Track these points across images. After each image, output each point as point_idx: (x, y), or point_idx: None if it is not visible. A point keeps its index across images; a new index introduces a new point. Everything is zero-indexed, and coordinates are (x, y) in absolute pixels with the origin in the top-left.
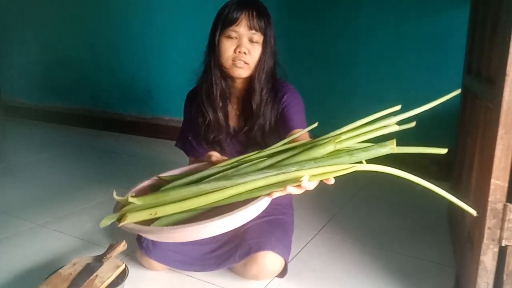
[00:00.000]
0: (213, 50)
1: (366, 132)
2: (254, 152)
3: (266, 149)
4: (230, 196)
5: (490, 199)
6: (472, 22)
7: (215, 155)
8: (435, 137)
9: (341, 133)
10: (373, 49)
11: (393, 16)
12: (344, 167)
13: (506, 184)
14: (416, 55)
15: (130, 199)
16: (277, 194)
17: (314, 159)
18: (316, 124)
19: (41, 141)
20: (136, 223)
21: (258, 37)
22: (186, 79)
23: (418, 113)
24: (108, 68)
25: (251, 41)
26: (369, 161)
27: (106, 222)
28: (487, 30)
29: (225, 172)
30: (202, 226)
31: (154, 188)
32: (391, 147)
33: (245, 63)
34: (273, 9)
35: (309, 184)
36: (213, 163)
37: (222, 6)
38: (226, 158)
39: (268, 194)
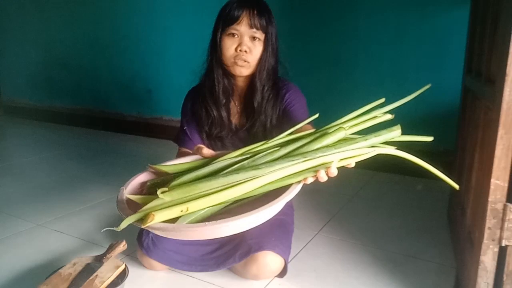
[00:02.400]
0: (215, 49)
1: (365, 121)
2: (260, 143)
3: (271, 140)
4: (264, 185)
5: (490, 199)
6: (472, 22)
7: (205, 148)
8: (436, 137)
9: (342, 123)
10: (373, 49)
11: (393, 16)
12: (367, 151)
13: (506, 184)
14: (416, 55)
15: (160, 195)
16: (310, 179)
17: (334, 145)
18: (317, 115)
19: (41, 141)
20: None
21: (260, 35)
22: (186, 79)
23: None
24: (108, 68)
25: (252, 39)
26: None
27: (125, 224)
28: (487, 30)
29: (241, 164)
30: (242, 219)
31: (153, 184)
32: (398, 132)
33: (246, 61)
34: (274, 9)
35: (336, 170)
36: (205, 156)
37: (224, 5)
38: (215, 152)
39: (301, 181)
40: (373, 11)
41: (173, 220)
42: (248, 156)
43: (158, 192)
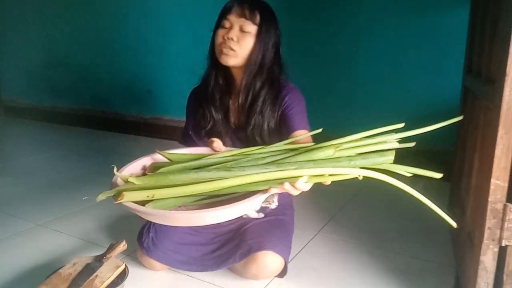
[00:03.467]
0: (212, 46)
1: (367, 145)
2: (256, 148)
3: (267, 147)
4: (228, 187)
5: (490, 199)
6: (472, 22)
7: (217, 141)
8: (436, 137)
9: (343, 143)
10: (373, 49)
11: (393, 16)
12: (343, 171)
13: (506, 184)
14: (416, 55)
15: (130, 179)
16: (274, 190)
17: (314, 161)
18: (320, 130)
19: (41, 141)
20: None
21: (250, 27)
22: (186, 79)
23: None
24: (108, 68)
25: (242, 30)
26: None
27: (102, 197)
28: (487, 30)
29: (225, 164)
30: (197, 215)
31: (151, 169)
32: (390, 158)
33: (232, 49)
34: (273, 9)
35: (305, 185)
36: (213, 149)
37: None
38: (224, 148)
39: (266, 190)
40: (373, 11)
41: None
42: (237, 158)
43: (129, 178)
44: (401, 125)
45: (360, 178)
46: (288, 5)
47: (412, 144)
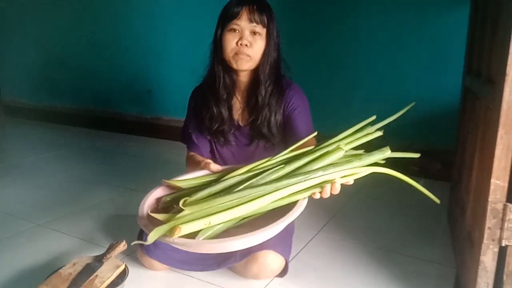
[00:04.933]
0: (216, 46)
1: (358, 138)
2: (264, 160)
3: (274, 157)
4: (274, 201)
5: (490, 199)
6: (472, 22)
7: (212, 163)
8: (436, 137)
9: (337, 141)
10: (373, 49)
11: (393, 16)
12: (364, 170)
13: (506, 184)
14: (416, 55)
15: (181, 206)
16: (317, 195)
17: (333, 165)
18: (315, 133)
19: (41, 141)
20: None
21: (260, 30)
22: (186, 79)
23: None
24: (108, 68)
25: (253, 34)
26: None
27: (156, 235)
28: (487, 30)
29: (251, 181)
30: (258, 234)
31: (171, 199)
32: (388, 152)
33: (248, 55)
34: (274, 9)
35: (339, 188)
36: (212, 171)
37: (225, 4)
38: (222, 167)
39: (309, 196)
40: (373, 11)
41: (191, 235)
42: (255, 173)
43: (180, 202)
44: (373, 117)
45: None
46: (288, 5)
47: (417, 155)
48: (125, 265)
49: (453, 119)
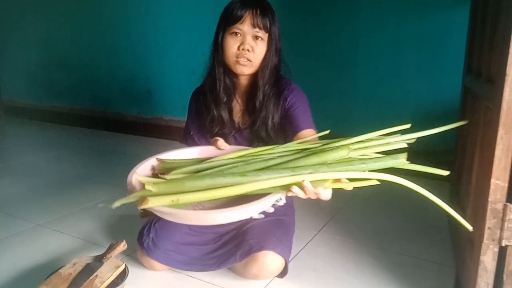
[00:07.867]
0: (217, 48)
1: (378, 145)
2: (264, 148)
3: (276, 146)
4: (246, 193)
5: (490, 199)
6: (472, 22)
7: (220, 140)
8: (436, 137)
9: (354, 142)
10: (373, 49)
11: (393, 16)
12: (366, 176)
13: (506, 184)
14: (416, 55)
15: (147, 187)
16: (291, 194)
17: (326, 164)
18: (327, 132)
19: (41, 141)
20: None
21: (262, 35)
22: (186, 79)
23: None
24: (108, 68)
25: (255, 38)
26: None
27: (119, 203)
28: (487, 30)
29: (235, 164)
30: (219, 214)
31: (161, 169)
32: (403, 160)
33: (249, 60)
34: (274, 9)
35: (327, 194)
36: (218, 148)
37: (227, 4)
38: (229, 147)
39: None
40: (373, 11)
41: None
42: (245, 159)
43: (146, 185)
44: (408, 126)
45: (377, 182)
46: (288, 5)
47: (413, 140)
48: (125, 265)
49: (453, 119)
